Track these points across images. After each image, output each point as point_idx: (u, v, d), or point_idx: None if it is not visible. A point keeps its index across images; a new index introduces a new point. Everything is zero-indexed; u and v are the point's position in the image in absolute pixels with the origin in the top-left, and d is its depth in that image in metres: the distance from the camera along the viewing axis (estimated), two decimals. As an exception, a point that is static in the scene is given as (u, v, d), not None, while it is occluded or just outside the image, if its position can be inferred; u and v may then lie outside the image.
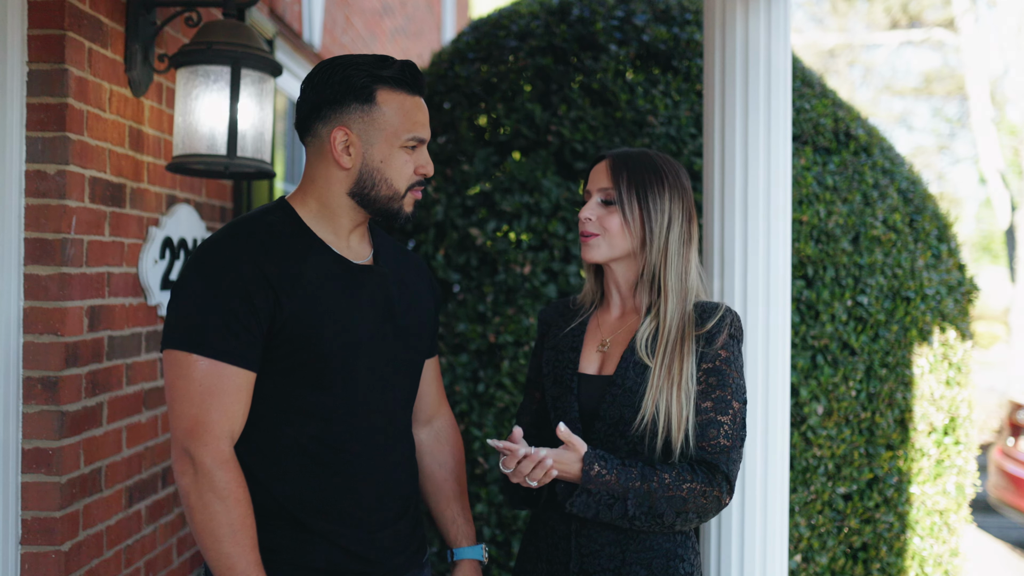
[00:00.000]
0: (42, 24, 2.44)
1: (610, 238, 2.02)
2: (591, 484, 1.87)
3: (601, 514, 1.89)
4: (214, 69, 2.74)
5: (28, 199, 2.45)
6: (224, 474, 1.75)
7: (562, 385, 2.03)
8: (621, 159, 2.05)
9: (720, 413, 1.93)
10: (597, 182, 2.05)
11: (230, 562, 1.74)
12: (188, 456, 1.75)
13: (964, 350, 3.61)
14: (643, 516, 1.88)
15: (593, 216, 2.03)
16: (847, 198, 3.44)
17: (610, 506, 1.88)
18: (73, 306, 2.49)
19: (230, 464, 1.77)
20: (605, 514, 1.89)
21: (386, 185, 1.90)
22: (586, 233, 2.04)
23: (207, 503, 1.74)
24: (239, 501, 1.76)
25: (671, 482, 1.88)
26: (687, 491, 1.88)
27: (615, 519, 1.89)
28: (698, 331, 1.97)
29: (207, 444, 1.75)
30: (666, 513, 1.89)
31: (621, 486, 1.87)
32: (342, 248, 1.94)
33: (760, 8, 2.67)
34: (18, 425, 2.43)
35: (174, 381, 1.78)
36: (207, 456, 1.75)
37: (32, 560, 2.43)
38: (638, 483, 1.87)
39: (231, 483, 1.76)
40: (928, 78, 18.30)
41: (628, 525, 1.90)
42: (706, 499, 1.89)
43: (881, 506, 3.34)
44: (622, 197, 2.01)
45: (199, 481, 1.75)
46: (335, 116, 1.88)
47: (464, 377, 3.29)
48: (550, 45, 3.67)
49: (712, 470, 1.91)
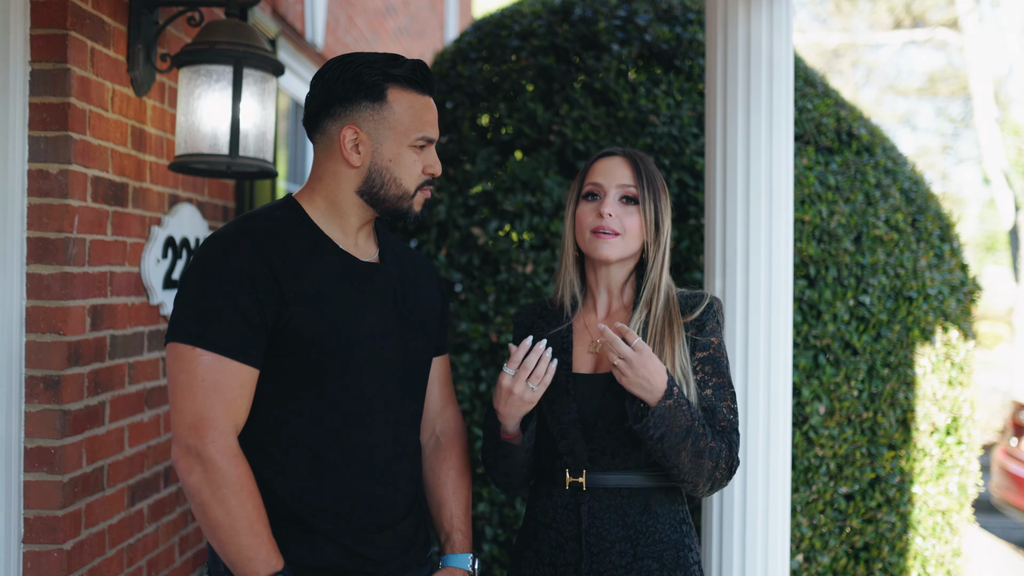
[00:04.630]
0: (45, 23, 2.44)
1: (628, 237, 2.02)
2: (671, 400, 1.86)
3: (666, 439, 1.86)
4: (216, 69, 2.74)
5: (31, 198, 2.45)
6: (234, 468, 1.74)
7: (557, 387, 2.02)
8: (638, 158, 2.06)
9: (720, 399, 1.99)
10: (616, 178, 2.03)
11: (251, 553, 1.74)
12: (193, 454, 1.73)
13: (966, 350, 3.60)
14: (690, 457, 1.89)
15: (615, 213, 2.01)
16: (849, 198, 3.44)
17: (675, 431, 1.86)
18: (75, 305, 2.49)
19: (239, 457, 1.76)
20: (668, 441, 1.86)
21: (395, 184, 1.90)
22: (606, 230, 2.00)
23: (222, 498, 1.72)
24: (252, 493, 1.75)
25: (713, 435, 1.92)
26: (718, 447, 1.92)
27: (670, 450, 1.87)
28: (687, 318, 2.02)
29: (215, 440, 1.73)
30: (706, 463, 1.90)
31: (691, 416, 1.88)
32: (349, 246, 1.93)
33: (762, 8, 2.67)
34: (20, 424, 2.43)
35: (177, 375, 1.76)
36: (215, 452, 1.73)
37: (34, 559, 2.43)
38: (696, 423, 1.89)
39: (243, 476, 1.75)
40: (932, 78, 18.27)
41: (677, 460, 1.88)
42: (725, 464, 1.94)
43: (883, 506, 3.34)
44: (644, 197, 2.02)
45: (210, 478, 1.73)
46: (345, 114, 1.88)
47: (466, 376, 3.29)
48: (552, 45, 3.67)
49: (728, 442, 1.95)
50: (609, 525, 1.96)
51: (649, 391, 1.86)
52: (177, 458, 1.76)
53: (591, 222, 2.02)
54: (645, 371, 1.85)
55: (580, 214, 2.06)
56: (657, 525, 1.97)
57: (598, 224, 2.01)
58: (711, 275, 2.74)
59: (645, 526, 1.96)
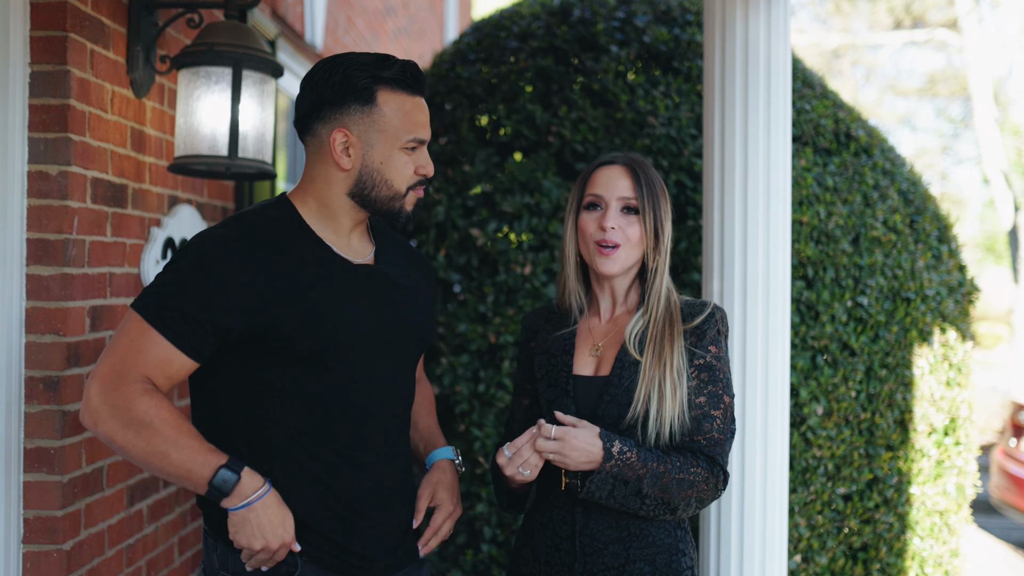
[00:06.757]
0: (44, 25, 2.45)
1: (629, 248, 2.03)
2: (611, 462, 1.87)
3: (616, 493, 1.88)
4: (216, 70, 2.75)
5: (30, 200, 2.46)
6: (141, 404, 1.75)
7: (557, 388, 2.04)
8: (638, 166, 2.05)
9: (713, 408, 1.98)
10: (616, 189, 2.03)
11: (188, 464, 1.76)
12: (99, 404, 1.75)
13: (964, 351, 3.61)
14: (654, 497, 1.90)
15: (617, 225, 2.02)
16: (847, 199, 3.45)
17: (626, 484, 1.88)
18: (75, 306, 2.50)
19: (146, 394, 1.76)
20: (620, 492, 1.88)
21: (386, 186, 1.90)
22: (609, 243, 2.01)
23: (137, 432, 1.74)
24: (165, 419, 1.75)
25: (682, 465, 1.92)
26: (693, 475, 1.92)
27: (627, 499, 1.89)
28: (686, 325, 2.02)
29: (118, 388, 1.75)
30: (675, 496, 1.91)
31: (641, 464, 1.88)
32: (342, 247, 1.94)
33: (760, 9, 2.68)
34: (20, 424, 2.44)
35: (118, 335, 1.80)
36: (120, 397, 1.75)
37: (34, 559, 2.44)
38: (654, 463, 1.89)
39: (151, 408, 1.75)
40: (932, 78, 18.27)
41: (638, 506, 1.91)
42: (707, 486, 1.94)
43: (881, 506, 3.35)
44: (644, 207, 2.02)
45: (121, 422, 1.74)
46: (335, 117, 1.88)
47: (464, 377, 3.30)
48: (551, 46, 3.67)
49: (710, 461, 1.95)
50: (603, 527, 1.98)
51: (590, 462, 1.88)
52: (83, 415, 1.78)
53: (594, 234, 2.03)
54: (574, 451, 1.87)
55: (582, 224, 2.06)
56: (651, 528, 1.98)
57: (601, 237, 2.02)
58: (709, 276, 2.75)
59: (639, 529, 1.97)
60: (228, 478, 1.76)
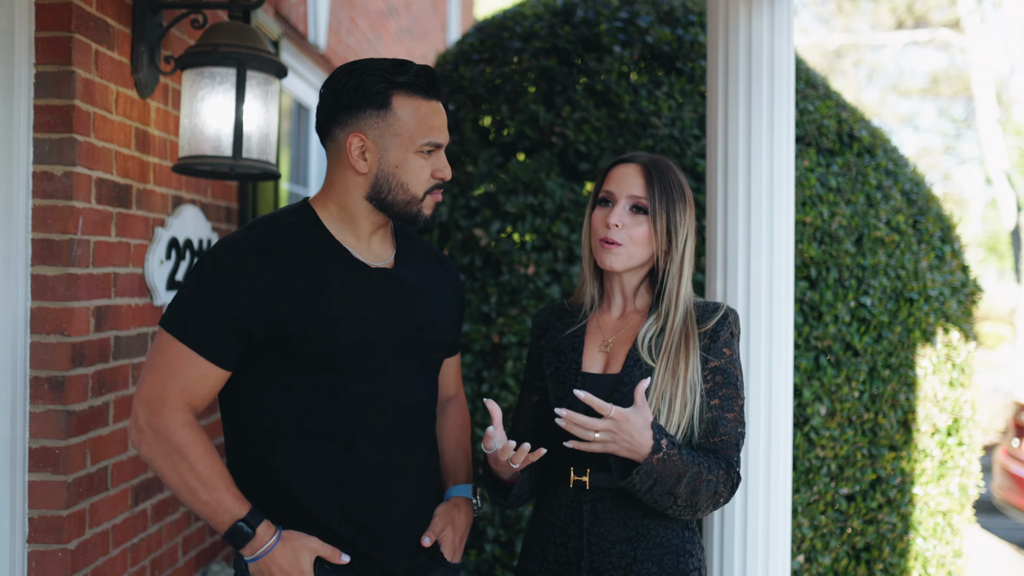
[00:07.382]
0: (49, 26, 2.46)
1: (634, 247, 2.02)
2: (660, 454, 1.84)
3: (655, 489, 1.85)
4: (220, 71, 2.76)
5: (35, 200, 2.46)
6: (182, 436, 1.83)
7: (566, 385, 2.04)
8: (653, 167, 2.04)
9: (727, 410, 1.98)
10: (627, 188, 2.02)
11: (213, 506, 1.84)
12: (144, 426, 1.84)
13: (967, 351, 3.61)
14: (686, 498, 1.88)
15: (621, 223, 2.01)
16: (850, 199, 3.45)
17: (666, 480, 1.85)
18: (80, 306, 2.51)
19: (188, 427, 1.84)
20: (659, 489, 1.86)
21: (402, 190, 1.92)
22: (610, 240, 2.01)
23: (173, 464, 1.83)
24: (202, 456, 1.83)
25: (710, 466, 1.91)
26: (715, 477, 1.91)
27: (663, 496, 1.87)
28: (701, 328, 2.01)
29: (164, 413, 1.83)
30: (702, 497, 1.90)
31: (684, 463, 1.86)
32: (362, 251, 1.96)
33: (763, 9, 2.68)
34: (25, 424, 2.44)
35: (153, 355, 1.87)
36: (163, 424, 1.83)
37: (39, 558, 2.44)
38: (692, 463, 1.88)
39: (190, 442, 1.83)
40: (934, 78, 18.27)
41: (669, 503, 1.88)
42: (725, 487, 1.93)
43: (884, 507, 3.35)
44: (655, 208, 2.01)
45: (161, 447, 1.83)
46: (351, 122, 1.90)
47: (468, 377, 3.30)
48: (554, 47, 3.68)
49: (727, 462, 1.95)
50: (611, 526, 1.97)
51: (634, 451, 1.84)
52: (130, 431, 1.87)
53: (599, 229, 2.04)
54: (626, 435, 1.82)
55: (594, 219, 2.07)
56: (659, 528, 1.98)
57: (604, 234, 2.02)
58: (712, 276, 2.75)
59: (647, 529, 1.97)
60: (244, 533, 1.83)
